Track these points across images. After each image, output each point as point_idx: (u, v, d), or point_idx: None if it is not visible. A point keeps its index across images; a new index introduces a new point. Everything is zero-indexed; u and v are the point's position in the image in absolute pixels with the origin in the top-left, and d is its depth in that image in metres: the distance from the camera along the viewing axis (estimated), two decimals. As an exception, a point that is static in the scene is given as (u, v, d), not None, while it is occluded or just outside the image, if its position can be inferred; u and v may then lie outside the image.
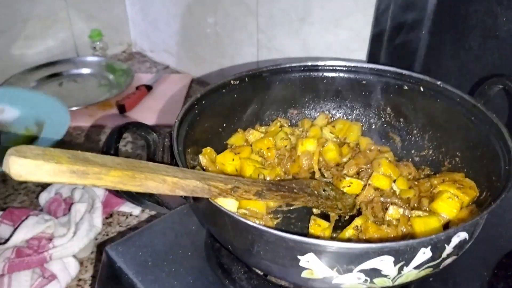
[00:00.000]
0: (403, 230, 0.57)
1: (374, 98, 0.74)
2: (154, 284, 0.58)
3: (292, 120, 0.78)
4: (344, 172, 0.68)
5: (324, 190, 0.62)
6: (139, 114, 1.17)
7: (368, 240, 0.56)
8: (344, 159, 0.71)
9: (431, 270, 0.49)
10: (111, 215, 0.91)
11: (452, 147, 0.68)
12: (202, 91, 0.66)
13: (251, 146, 0.71)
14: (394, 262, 0.46)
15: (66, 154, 0.37)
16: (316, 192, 0.60)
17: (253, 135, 0.73)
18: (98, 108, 1.19)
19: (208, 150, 0.67)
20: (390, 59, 0.88)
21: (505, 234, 0.64)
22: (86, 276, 0.79)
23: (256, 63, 1.16)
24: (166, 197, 0.57)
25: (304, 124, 0.76)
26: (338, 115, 0.78)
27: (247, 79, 0.71)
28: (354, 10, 0.91)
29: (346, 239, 0.57)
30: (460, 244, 0.49)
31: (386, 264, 0.46)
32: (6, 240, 0.78)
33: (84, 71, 1.36)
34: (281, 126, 0.75)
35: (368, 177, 0.66)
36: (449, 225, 0.58)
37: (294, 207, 0.65)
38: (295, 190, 0.57)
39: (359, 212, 0.64)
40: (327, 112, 0.78)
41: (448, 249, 0.48)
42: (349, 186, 0.66)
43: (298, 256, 0.46)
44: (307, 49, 1.03)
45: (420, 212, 0.58)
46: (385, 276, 0.47)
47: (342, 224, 0.63)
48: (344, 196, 0.64)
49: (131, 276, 0.59)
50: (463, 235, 0.48)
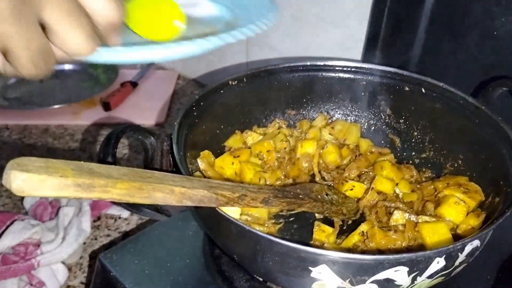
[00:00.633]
0: (410, 236, 0.56)
1: (374, 99, 0.73)
2: (152, 295, 0.55)
3: (290, 121, 0.76)
4: (345, 175, 0.67)
5: (326, 194, 0.61)
6: (124, 112, 1.14)
7: (376, 247, 0.54)
8: (344, 162, 0.70)
9: (443, 278, 0.48)
10: (99, 218, 0.88)
11: (454, 149, 0.67)
12: (200, 92, 0.64)
13: (250, 149, 0.69)
14: (408, 272, 0.45)
15: (70, 166, 0.34)
16: (320, 196, 0.58)
17: (251, 136, 0.71)
18: (82, 105, 1.15)
19: (206, 153, 0.64)
20: (385, 58, 0.87)
21: (508, 237, 0.63)
22: (75, 282, 0.76)
23: (246, 61, 1.13)
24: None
25: (302, 126, 0.74)
26: (337, 116, 0.76)
27: (245, 79, 0.69)
28: (350, 8, 0.89)
29: (353, 245, 0.56)
30: (472, 252, 0.48)
31: (401, 274, 0.44)
32: (-10, 247, 0.75)
33: (66, 67, 1.31)
34: (279, 128, 0.73)
35: (370, 180, 0.65)
36: (456, 230, 0.57)
37: (295, 211, 0.64)
38: (300, 196, 0.55)
39: (362, 216, 0.63)
40: (325, 113, 0.76)
41: (461, 257, 0.47)
42: (351, 190, 0.64)
43: (310, 268, 0.44)
44: (300, 48, 1.01)
45: (427, 218, 0.57)
46: (398, 286, 0.46)
47: (345, 229, 0.62)
48: (346, 200, 0.63)
49: (127, 286, 0.56)
50: (476, 243, 0.47)
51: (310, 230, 0.60)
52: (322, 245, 0.58)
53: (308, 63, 0.72)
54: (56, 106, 1.12)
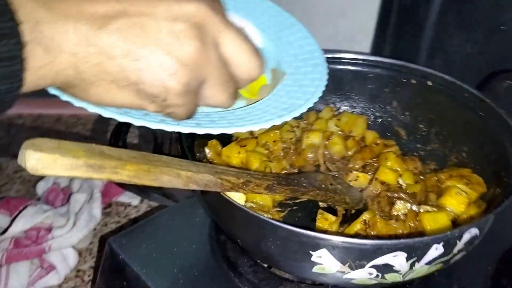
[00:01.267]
0: (411, 225, 0.57)
1: (381, 92, 0.73)
2: (159, 277, 0.57)
3: (297, 112, 0.77)
4: (350, 165, 0.68)
5: (331, 184, 0.62)
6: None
7: (377, 235, 0.55)
8: (350, 153, 0.71)
9: (441, 266, 0.49)
10: (110, 205, 0.90)
11: (459, 142, 0.67)
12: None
13: (257, 139, 0.70)
14: (407, 258, 0.46)
15: (82, 148, 0.36)
16: (324, 186, 0.59)
17: (258, 126, 0.71)
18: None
19: (213, 142, 0.66)
20: (394, 51, 0.87)
21: (508, 228, 0.64)
22: (85, 267, 0.78)
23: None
24: (173, 189, 0.57)
25: (309, 117, 0.75)
26: (343, 108, 0.77)
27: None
28: (359, 1, 0.90)
29: (354, 233, 0.57)
30: (471, 240, 0.49)
31: (399, 260, 0.46)
32: (3, 231, 0.77)
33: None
34: (286, 118, 0.74)
35: (374, 171, 0.66)
36: (457, 221, 0.58)
37: (299, 200, 0.65)
38: (304, 184, 0.56)
39: (365, 206, 0.64)
40: (332, 105, 0.77)
41: (460, 245, 0.48)
42: (355, 180, 0.65)
43: (310, 251, 0.46)
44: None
45: (428, 207, 0.58)
46: (396, 271, 0.47)
47: (348, 218, 0.63)
48: (351, 190, 0.64)
49: (135, 269, 0.58)
50: (474, 231, 0.48)
51: (313, 219, 0.61)
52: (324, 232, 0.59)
53: (316, 55, 0.73)
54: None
